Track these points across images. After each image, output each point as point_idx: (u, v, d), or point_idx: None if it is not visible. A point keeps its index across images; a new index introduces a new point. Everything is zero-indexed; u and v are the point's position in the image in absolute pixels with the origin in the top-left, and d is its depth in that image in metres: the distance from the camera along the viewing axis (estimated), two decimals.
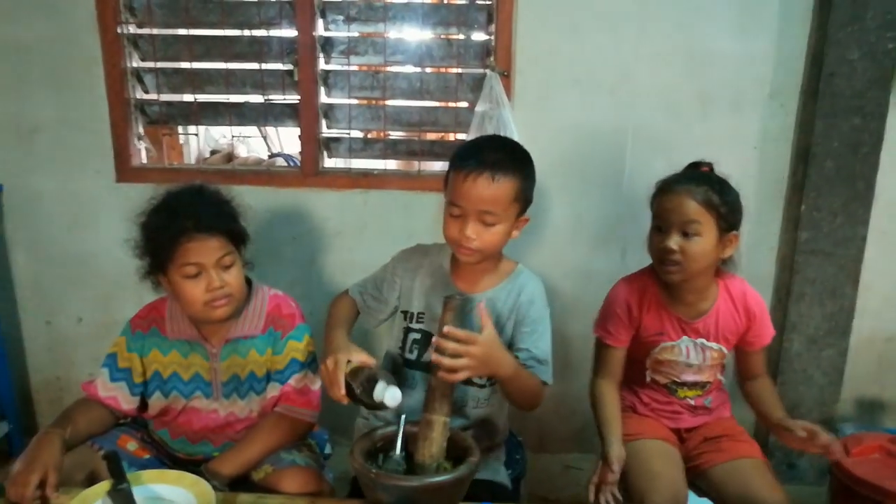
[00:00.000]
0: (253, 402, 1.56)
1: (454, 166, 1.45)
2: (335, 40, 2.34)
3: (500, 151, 1.45)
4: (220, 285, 1.43)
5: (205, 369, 1.54)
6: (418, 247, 1.66)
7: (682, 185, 1.55)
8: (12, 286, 2.55)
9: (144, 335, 1.55)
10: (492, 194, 1.40)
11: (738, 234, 1.58)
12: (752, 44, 2.22)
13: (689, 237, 1.53)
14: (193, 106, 2.42)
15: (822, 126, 2.18)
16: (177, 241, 1.40)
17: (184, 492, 1.29)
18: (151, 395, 1.56)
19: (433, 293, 1.55)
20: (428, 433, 1.26)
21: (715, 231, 1.53)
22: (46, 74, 2.35)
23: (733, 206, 1.56)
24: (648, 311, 1.67)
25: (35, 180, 2.44)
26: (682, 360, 1.69)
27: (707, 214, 1.52)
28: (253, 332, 1.54)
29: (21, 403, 2.59)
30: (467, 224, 1.41)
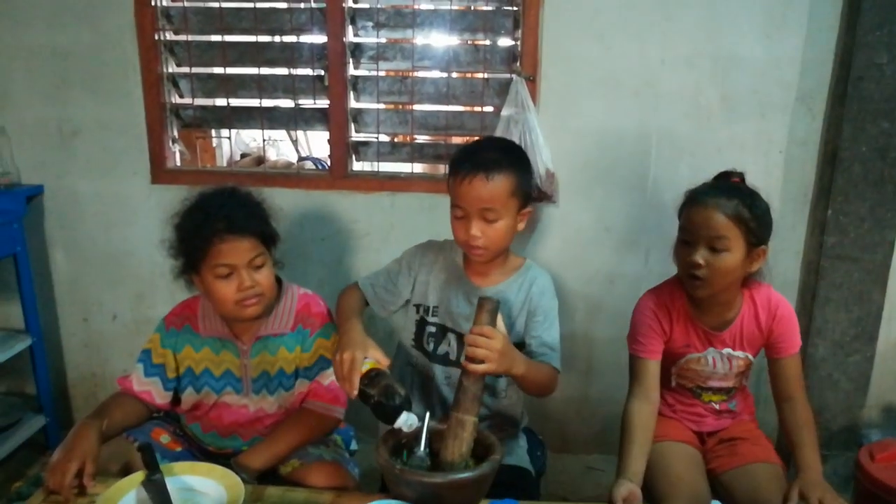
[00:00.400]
0: (282, 397, 1.60)
1: (452, 171, 1.53)
2: (364, 46, 2.38)
3: (493, 151, 1.52)
4: (251, 285, 1.47)
5: (235, 366, 1.58)
6: (431, 243, 1.72)
7: (711, 198, 1.51)
8: (52, 284, 2.63)
9: (178, 332, 1.60)
10: (489, 192, 1.47)
11: (767, 248, 1.55)
12: (778, 47, 2.21)
13: (717, 252, 1.49)
14: (226, 110, 2.48)
15: (850, 130, 2.17)
16: (209, 242, 1.44)
17: (214, 483, 1.32)
18: (184, 391, 1.60)
19: (448, 288, 1.63)
20: (459, 432, 1.27)
21: (743, 246, 1.50)
22: (86, 79, 2.43)
23: (763, 221, 1.52)
24: (677, 323, 1.65)
25: (74, 182, 2.52)
26: (709, 369, 1.68)
27: (736, 229, 1.48)
28: (283, 329, 1.58)
29: (58, 398, 2.67)
30: (471, 224, 1.49)
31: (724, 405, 1.74)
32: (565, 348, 2.49)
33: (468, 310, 1.60)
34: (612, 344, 2.47)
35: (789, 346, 1.64)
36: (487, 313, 1.32)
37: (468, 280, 1.62)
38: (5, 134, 2.46)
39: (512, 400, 1.68)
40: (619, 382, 2.61)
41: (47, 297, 2.63)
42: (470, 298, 1.60)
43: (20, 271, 2.42)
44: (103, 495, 1.27)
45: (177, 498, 1.28)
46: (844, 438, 2.40)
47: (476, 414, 1.30)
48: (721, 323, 1.64)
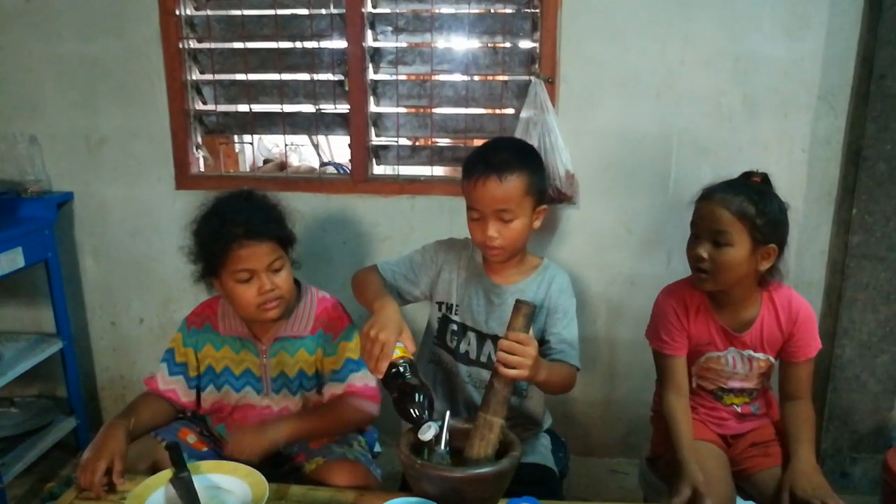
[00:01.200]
0: (305, 398, 1.62)
1: (465, 173, 1.55)
2: (384, 51, 2.41)
3: (505, 152, 1.54)
4: (271, 288, 1.50)
5: (255, 365, 1.61)
6: (453, 241, 1.73)
7: (719, 194, 1.54)
8: (81, 289, 2.69)
9: (199, 331, 1.63)
10: (503, 193, 1.49)
11: (776, 248, 1.54)
12: (800, 46, 2.20)
13: (720, 247, 1.52)
14: (249, 116, 2.52)
15: (874, 128, 2.14)
16: (229, 247, 1.47)
17: (239, 481, 1.35)
18: (205, 389, 1.64)
19: (468, 286, 1.65)
20: (485, 433, 1.28)
21: (748, 242, 1.51)
22: (114, 88, 2.49)
23: (771, 219, 1.52)
24: (696, 319, 1.66)
25: (102, 189, 2.58)
26: (729, 369, 1.68)
27: (739, 224, 1.50)
28: (301, 332, 1.60)
29: (88, 400, 2.73)
30: (488, 225, 1.51)
31: (747, 408, 1.73)
32: (588, 350, 2.50)
33: (488, 308, 1.63)
34: (635, 346, 2.46)
35: (805, 352, 1.64)
36: (524, 317, 1.32)
37: (488, 278, 1.64)
38: (37, 143, 2.53)
39: (534, 399, 1.69)
40: (643, 385, 2.60)
41: (77, 302, 2.68)
42: (490, 297, 1.62)
43: (51, 277, 2.47)
44: (133, 492, 1.30)
45: (203, 495, 1.30)
46: (873, 441, 2.37)
47: (504, 416, 1.31)
48: (741, 324, 1.64)
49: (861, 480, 2.40)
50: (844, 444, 2.38)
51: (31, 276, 2.58)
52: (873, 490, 2.34)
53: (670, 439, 1.60)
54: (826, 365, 2.35)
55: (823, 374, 2.37)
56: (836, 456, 2.39)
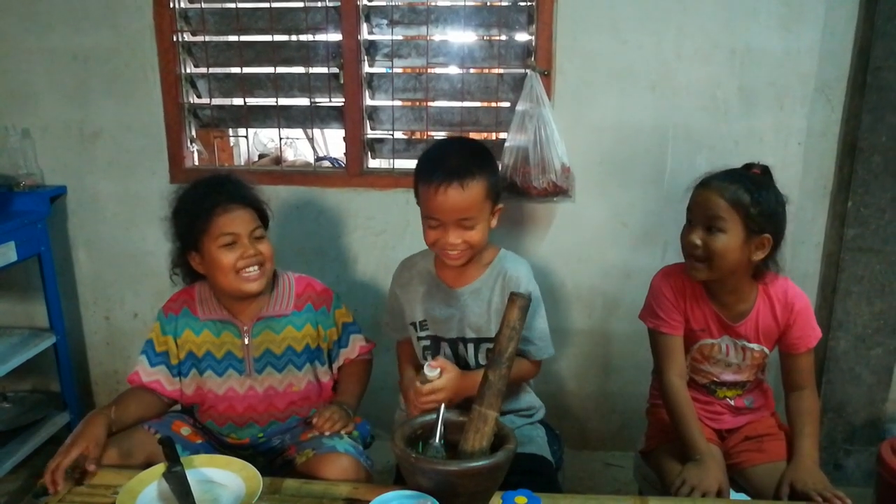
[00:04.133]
0: (291, 375, 1.64)
1: (422, 180, 1.49)
2: (379, 44, 2.40)
3: (461, 155, 1.49)
4: (254, 253, 1.53)
5: (237, 346, 1.61)
6: (405, 262, 1.72)
7: (715, 182, 1.54)
8: (75, 283, 2.68)
9: (177, 317, 1.64)
10: (465, 201, 1.45)
11: (770, 238, 1.53)
12: (796, 38, 2.19)
13: (713, 233, 1.51)
14: (243, 109, 2.51)
15: (870, 120, 2.14)
16: (212, 212, 1.52)
17: (233, 475, 1.35)
18: (187, 375, 1.63)
19: (428, 299, 1.63)
20: (481, 426, 1.27)
21: (741, 231, 1.50)
22: (107, 81, 2.47)
23: (766, 209, 1.51)
24: (693, 303, 1.65)
25: (96, 182, 2.57)
26: (722, 357, 1.67)
27: (733, 212, 1.49)
28: (284, 311, 1.64)
29: (81, 395, 2.72)
30: (447, 232, 1.47)
31: (740, 401, 1.73)
32: (583, 344, 2.52)
33: (448, 312, 1.61)
34: (630, 339, 2.47)
35: (805, 342, 1.63)
36: (519, 310, 1.30)
37: (443, 284, 1.62)
38: (29, 136, 2.51)
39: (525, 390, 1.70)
40: (638, 378, 2.60)
41: (70, 296, 2.67)
42: (448, 301, 1.61)
43: (44, 271, 2.46)
44: (126, 486, 1.29)
45: (197, 489, 1.30)
46: (867, 433, 2.38)
47: (498, 409, 1.30)
48: (736, 314, 1.63)
49: (855, 472, 2.40)
50: (838, 436, 2.39)
51: (23, 271, 2.56)
52: (867, 482, 2.34)
53: (676, 422, 1.59)
54: (821, 357, 2.35)
55: (818, 367, 2.37)
56: (830, 448, 2.40)
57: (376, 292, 2.52)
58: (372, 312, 2.46)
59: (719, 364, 1.69)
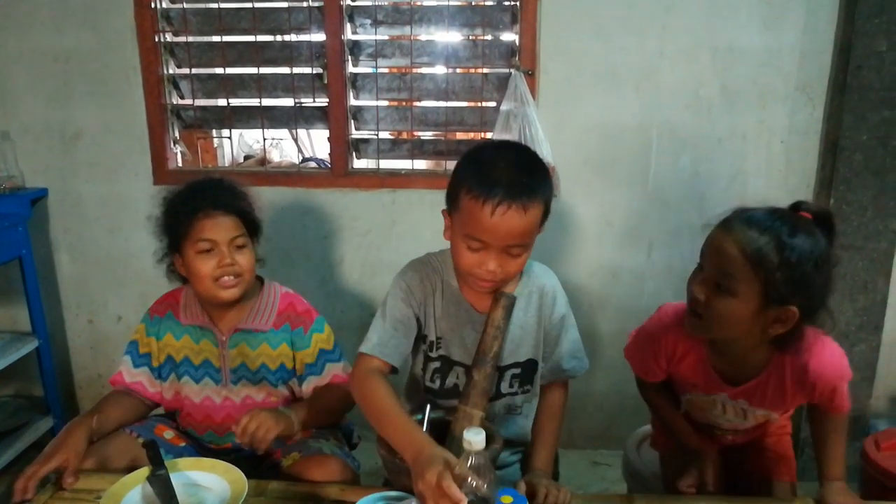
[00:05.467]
0: (265, 390, 1.61)
1: (472, 193, 1.21)
2: (363, 43, 2.39)
3: (523, 170, 1.24)
4: (230, 262, 1.50)
5: (214, 355, 1.59)
6: (422, 265, 1.43)
7: (738, 225, 1.18)
8: (57, 287, 2.65)
9: (161, 319, 1.62)
10: (522, 227, 1.21)
11: (796, 311, 1.17)
12: (777, 37, 2.21)
13: (721, 291, 1.19)
14: (227, 110, 2.49)
15: (851, 119, 2.16)
16: (194, 216, 1.49)
17: (217, 478, 1.33)
18: (166, 380, 1.62)
19: (449, 317, 1.40)
20: (466, 426, 1.24)
21: (757, 298, 1.16)
22: (88, 82, 2.45)
23: (798, 276, 1.14)
24: (684, 359, 1.38)
25: (78, 184, 2.54)
26: (718, 414, 1.43)
27: (750, 272, 1.15)
28: (262, 326, 1.59)
29: (65, 400, 2.69)
30: (489, 257, 1.24)
31: (746, 438, 1.53)
32: None
33: (471, 336, 1.39)
34: (617, 338, 2.47)
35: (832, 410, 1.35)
36: (503, 309, 1.28)
37: (469, 306, 1.39)
38: (9, 138, 2.48)
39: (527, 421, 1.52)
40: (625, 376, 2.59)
41: (53, 300, 2.65)
42: (475, 325, 1.38)
43: (26, 274, 2.43)
44: (109, 490, 1.28)
45: (181, 493, 1.28)
46: (852, 429, 2.37)
47: (483, 409, 1.29)
48: (736, 377, 1.34)
49: None
50: None
51: (5, 274, 2.54)
52: (850, 477, 2.35)
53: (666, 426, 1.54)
54: None
55: None
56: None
57: (362, 293, 2.51)
58: (358, 314, 2.46)
59: (714, 416, 1.45)
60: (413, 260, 1.46)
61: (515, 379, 1.45)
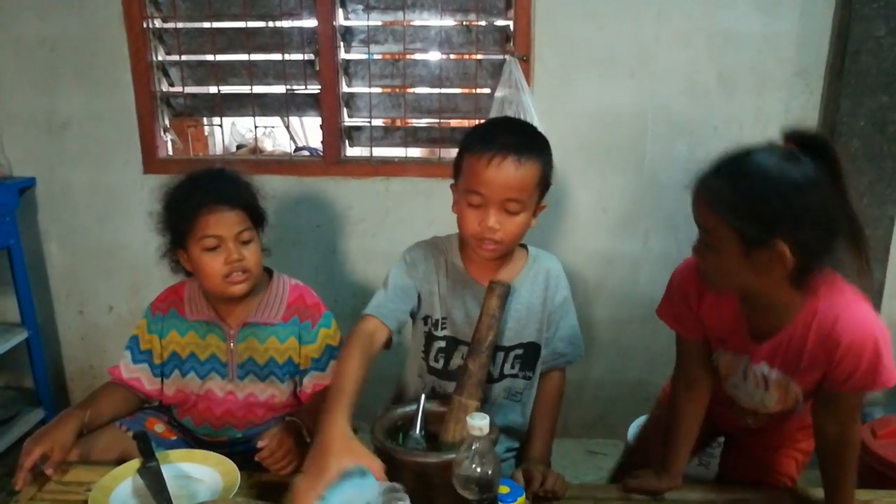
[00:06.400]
0: (273, 386, 1.58)
1: (472, 150, 1.32)
2: (355, 29, 2.36)
3: (521, 133, 1.37)
4: (238, 258, 1.46)
5: (221, 350, 1.57)
6: (429, 245, 1.50)
7: (703, 180, 1.17)
8: (47, 277, 2.62)
9: (164, 316, 1.59)
10: (518, 179, 1.30)
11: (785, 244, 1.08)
12: (775, 22, 2.19)
13: (709, 248, 1.17)
14: (217, 98, 2.46)
15: (848, 105, 2.14)
16: (197, 212, 1.44)
17: (210, 470, 1.32)
18: (169, 376, 1.59)
19: (454, 296, 1.45)
20: (461, 416, 1.24)
21: (736, 244, 1.11)
22: (75, 69, 2.41)
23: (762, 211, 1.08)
24: (716, 305, 1.29)
25: (66, 173, 2.51)
26: (739, 382, 1.34)
27: (720, 221, 1.12)
28: (272, 319, 1.56)
29: (56, 391, 2.67)
30: (489, 213, 1.31)
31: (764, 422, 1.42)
32: None
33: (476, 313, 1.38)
34: (612, 325, 2.47)
35: (853, 384, 1.16)
36: (498, 297, 1.28)
37: (475, 282, 1.44)
38: None
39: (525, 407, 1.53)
40: (620, 364, 2.61)
41: (42, 290, 2.61)
42: (479, 301, 1.39)
43: (14, 264, 2.41)
44: (99, 483, 1.26)
45: (173, 485, 1.27)
46: None
47: (479, 398, 1.28)
48: (766, 328, 1.24)
49: None
50: None
51: None
52: None
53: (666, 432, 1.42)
54: None
55: None
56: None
57: (355, 282, 2.49)
58: (352, 303, 2.43)
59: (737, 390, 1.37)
60: (419, 241, 1.52)
61: (518, 360, 1.46)
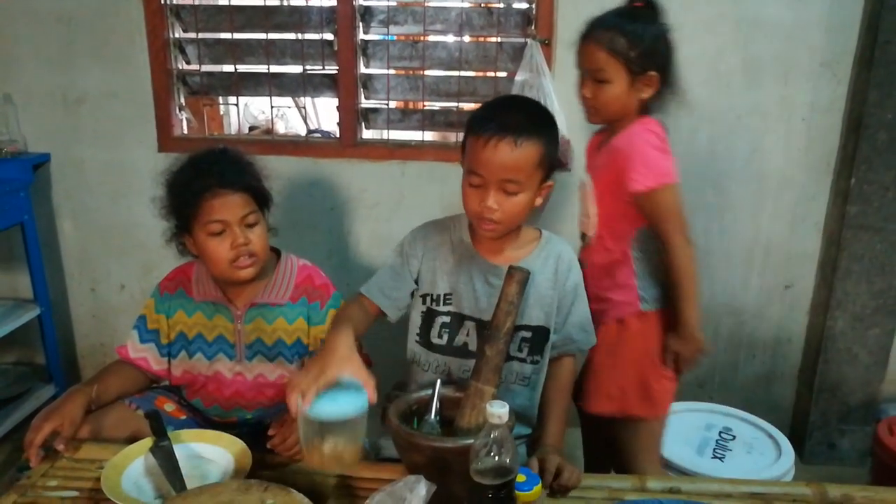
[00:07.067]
0: (283, 367, 1.57)
1: (472, 131, 1.34)
2: (374, 9, 2.33)
3: (522, 113, 1.35)
4: (244, 242, 1.44)
5: (229, 331, 1.55)
6: (430, 224, 1.52)
7: (592, 32, 1.55)
8: (60, 254, 2.62)
9: (171, 296, 1.58)
10: (514, 160, 1.30)
11: (656, 74, 1.55)
12: (803, 10, 2.14)
13: (601, 84, 1.54)
14: (234, 77, 2.44)
15: (876, 96, 2.10)
16: (201, 196, 1.42)
17: (222, 451, 1.31)
18: (177, 357, 1.58)
19: (459, 271, 1.45)
20: (477, 402, 1.22)
21: (625, 76, 1.52)
22: (91, 45, 2.39)
23: (647, 48, 1.52)
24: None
25: (81, 150, 2.49)
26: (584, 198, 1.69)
27: (613, 60, 1.51)
28: (280, 300, 1.55)
29: (67, 368, 2.67)
30: (488, 194, 1.32)
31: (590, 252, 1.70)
32: None
33: (488, 292, 1.43)
34: None
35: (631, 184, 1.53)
36: (517, 284, 1.25)
37: (482, 258, 1.44)
38: (11, 101, 2.44)
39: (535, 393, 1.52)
40: None
41: (55, 267, 2.61)
42: (488, 279, 1.44)
43: (28, 240, 2.40)
44: (111, 461, 1.25)
45: (185, 464, 1.25)
46: (862, 413, 2.36)
47: (496, 385, 1.26)
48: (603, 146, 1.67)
49: (849, 452, 2.39)
50: (833, 415, 2.38)
51: (6, 240, 2.51)
52: (861, 462, 2.34)
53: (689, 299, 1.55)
54: (818, 337, 2.33)
55: (815, 347, 2.36)
56: (824, 427, 2.39)
57: (369, 266, 2.47)
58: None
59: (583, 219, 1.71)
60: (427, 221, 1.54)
61: (525, 344, 1.44)
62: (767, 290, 2.41)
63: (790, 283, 2.40)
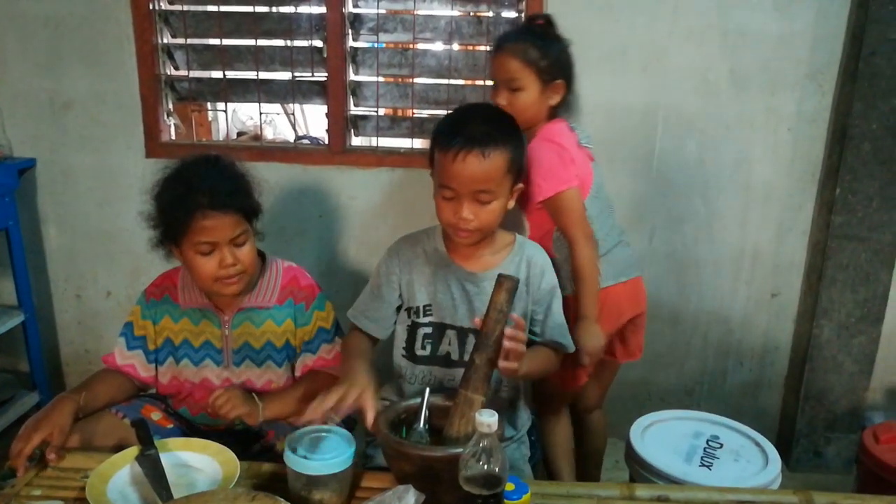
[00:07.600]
0: (271, 371, 1.56)
1: (439, 145, 1.36)
2: (364, 17, 2.33)
3: (486, 122, 1.37)
4: (232, 262, 1.42)
5: (216, 336, 1.55)
6: (404, 238, 1.55)
7: (506, 45, 1.69)
8: (45, 260, 2.59)
9: (158, 303, 1.57)
10: (485, 171, 1.33)
11: (563, 82, 1.71)
12: (789, 22, 2.16)
13: (515, 92, 1.67)
14: (222, 83, 2.43)
15: (861, 107, 2.12)
16: (192, 217, 1.38)
17: (209, 459, 1.30)
18: (164, 363, 1.57)
19: (436, 280, 1.48)
20: (466, 411, 1.22)
21: (537, 84, 1.67)
22: (79, 50, 2.37)
23: (555, 59, 1.68)
24: None
25: (67, 155, 2.47)
26: None
27: (527, 70, 1.65)
28: (267, 303, 1.54)
29: (51, 375, 2.64)
30: (462, 205, 1.35)
31: None
32: None
33: (465, 300, 1.47)
34: None
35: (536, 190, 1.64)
36: (506, 292, 1.26)
37: (458, 266, 1.47)
38: None
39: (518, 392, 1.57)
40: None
41: (40, 273, 2.59)
42: (464, 287, 1.47)
43: (12, 246, 2.38)
44: (97, 470, 1.24)
45: (171, 473, 1.24)
46: (847, 421, 2.38)
47: (484, 393, 1.26)
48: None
49: (835, 460, 2.41)
50: (819, 423, 2.39)
51: None
52: (847, 469, 2.35)
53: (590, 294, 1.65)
54: (804, 345, 2.35)
55: (801, 355, 2.37)
56: (810, 435, 2.40)
57: (358, 273, 2.46)
58: (353, 293, 2.36)
59: None
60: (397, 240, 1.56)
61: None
62: (755, 299, 2.42)
63: (777, 291, 2.41)
